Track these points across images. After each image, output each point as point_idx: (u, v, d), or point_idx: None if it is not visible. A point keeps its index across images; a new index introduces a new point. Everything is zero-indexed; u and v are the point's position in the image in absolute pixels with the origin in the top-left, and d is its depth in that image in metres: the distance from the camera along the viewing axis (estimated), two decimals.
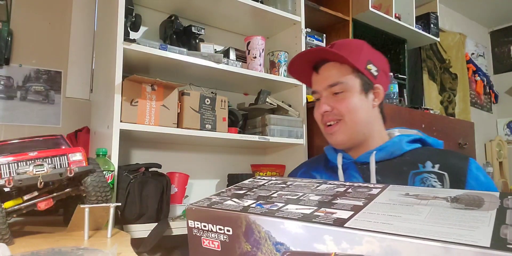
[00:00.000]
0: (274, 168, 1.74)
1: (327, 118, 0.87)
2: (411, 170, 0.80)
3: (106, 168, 1.09)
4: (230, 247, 0.45)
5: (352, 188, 0.52)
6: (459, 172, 0.77)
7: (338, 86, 0.85)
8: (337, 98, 0.86)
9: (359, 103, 0.85)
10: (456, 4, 3.34)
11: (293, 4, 1.78)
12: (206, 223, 0.47)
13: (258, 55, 1.62)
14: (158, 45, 1.32)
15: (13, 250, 0.67)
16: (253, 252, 0.43)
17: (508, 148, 3.63)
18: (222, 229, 0.46)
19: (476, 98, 3.59)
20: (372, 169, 0.82)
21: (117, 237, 0.84)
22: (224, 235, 0.46)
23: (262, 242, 0.43)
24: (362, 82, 0.86)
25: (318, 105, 0.89)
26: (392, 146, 0.85)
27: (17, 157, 0.76)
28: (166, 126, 1.31)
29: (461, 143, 2.08)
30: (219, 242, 0.46)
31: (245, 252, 0.44)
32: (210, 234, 0.47)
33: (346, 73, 0.85)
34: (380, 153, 0.85)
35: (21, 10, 1.51)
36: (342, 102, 0.85)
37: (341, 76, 0.85)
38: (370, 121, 0.87)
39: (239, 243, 0.44)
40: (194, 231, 0.48)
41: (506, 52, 3.80)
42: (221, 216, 0.46)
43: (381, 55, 0.93)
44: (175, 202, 1.42)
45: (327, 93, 0.87)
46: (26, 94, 1.48)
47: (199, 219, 0.48)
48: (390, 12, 2.33)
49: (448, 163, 0.79)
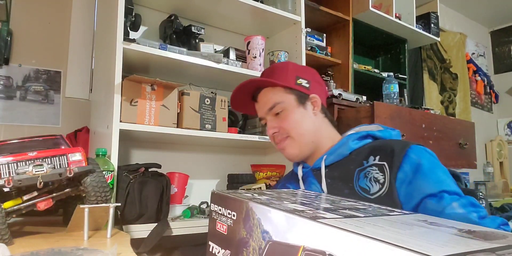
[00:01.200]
0: (274, 168, 1.74)
1: (277, 138, 0.93)
2: (356, 167, 0.83)
3: (106, 168, 1.09)
4: (233, 232, 0.48)
5: (373, 208, 0.52)
6: (396, 159, 0.76)
7: (276, 107, 0.91)
8: (279, 117, 0.92)
9: (299, 116, 0.91)
10: (456, 4, 3.34)
11: (293, 4, 1.78)
12: (222, 206, 0.51)
13: (258, 55, 1.62)
14: (158, 45, 1.32)
15: (13, 250, 0.67)
16: (247, 239, 0.45)
17: (508, 148, 3.63)
18: (230, 214, 0.49)
19: (476, 98, 3.58)
20: (323, 173, 0.87)
21: (117, 237, 0.84)
22: (231, 220, 0.49)
23: (254, 229, 0.45)
24: (296, 97, 0.92)
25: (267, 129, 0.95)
26: (339, 147, 0.89)
27: (17, 157, 0.76)
28: (166, 126, 1.31)
29: (462, 143, 2.07)
30: (226, 226, 0.50)
31: (242, 238, 0.46)
32: (222, 218, 0.51)
33: (280, 94, 0.92)
34: (330, 156, 0.88)
35: (21, 10, 1.51)
36: (284, 120, 0.91)
37: (276, 97, 0.92)
38: (316, 129, 0.93)
39: (239, 229, 0.47)
40: (213, 215, 0.53)
41: (507, 52, 3.80)
42: (232, 201, 0.50)
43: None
44: (175, 202, 1.42)
45: (270, 116, 0.94)
46: (26, 94, 1.48)
47: (218, 202, 0.52)
48: (390, 12, 2.33)
49: (387, 152, 0.79)
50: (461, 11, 3.51)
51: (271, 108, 0.92)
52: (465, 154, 2.12)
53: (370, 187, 0.78)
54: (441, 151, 1.96)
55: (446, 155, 2.00)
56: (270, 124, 0.93)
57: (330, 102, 1.64)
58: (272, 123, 0.93)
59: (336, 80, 2.19)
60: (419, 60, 3.05)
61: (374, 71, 2.37)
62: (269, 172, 1.73)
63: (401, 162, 0.75)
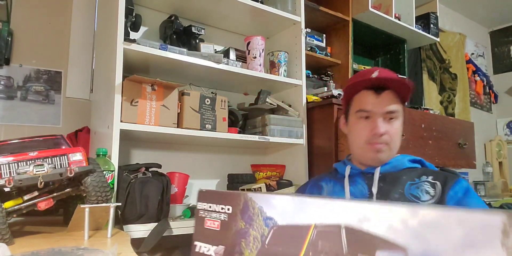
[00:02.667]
0: (274, 168, 1.74)
1: (378, 139, 0.95)
2: (408, 180, 0.93)
3: (106, 168, 1.09)
4: (228, 226, 0.48)
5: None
6: (449, 181, 0.89)
7: (396, 114, 0.96)
8: (390, 123, 0.96)
9: (401, 131, 0.98)
10: (456, 4, 3.34)
11: (293, 4, 1.78)
12: (212, 203, 0.51)
13: (258, 55, 1.62)
14: (158, 45, 1.32)
15: (13, 250, 0.67)
16: (246, 229, 0.46)
17: (507, 148, 3.63)
18: (223, 208, 0.49)
19: (476, 98, 3.59)
20: (376, 177, 0.95)
21: (117, 237, 0.84)
22: (225, 214, 0.49)
23: (254, 218, 0.45)
24: (404, 114, 0.99)
25: (371, 124, 0.95)
26: (395, 161, 0.98)
27: (17, 157, 0.76)
28: (166, 126, 1.31)
29: (461, 143, 2.08)
30: (219, 222, 0.49)
31: (239, 229, 0.46)
32: (212, 214, 0.50)
33: (400, 105, 0.97)
34: (385, 166, 0.97)
35: (21, 10, 1.51)
36: (394, 128, 0.96)
37: (398, 105, 0.96)
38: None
39: (235, 221, 0.47)
40: (201, 213, 0.52)
41: (506, 52, 3.80)
42: (225, 195, 0.50)
43: None
44: (175, 202, 1.42)
45: (382, 117, 0.95)
46: (26, 94, 1.48)
47: (206, 200, 0.51)
48: (390, 12, 2.33)
49: (440, 175, 0.92)
50: (460, 11, 3.51)
51: (392, 112, 0.95)
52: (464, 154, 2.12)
53: (421, 195, 0.88)
54: (440, 151, 1.97)
55: (446, 155, 2.00)
56: (382, 124, 0.95)
57: (329, 102, 1.64)
58: (384, 124, 0.95)
59: (336, 80, 2.19)
60: (419, 60, 3.05)
61: None
62: (269, 172, 1.73)
63: (453, 184, 0.88)
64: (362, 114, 0.97)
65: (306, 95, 1.74)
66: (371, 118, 0.96)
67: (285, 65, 1.71)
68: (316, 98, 1.75)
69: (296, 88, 1.75)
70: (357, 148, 0.99)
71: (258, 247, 0.44)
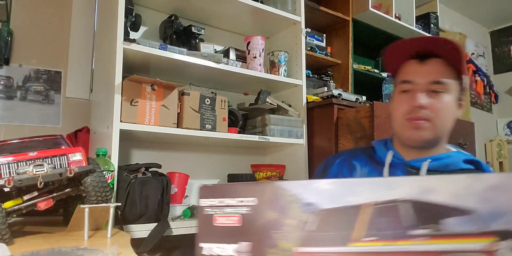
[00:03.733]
0: (274, 168, 1.74)
1: (417, 114, 0.81)
2: None
3: (106, 168, 1.09)
4: (253, 219, 0.44)
5: None
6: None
7: (442, 85, 0.81)
8: (435, 96, 0.81)
9: (452, 108, 0.83)
10: (456, 4, 3.34)
11: (293, 4, 1.78)
12: (224, 197, 0.46)
13: (258, 55, 1.62)
14: (158, 45, 1.32)
15: (13, 250, 0.67)
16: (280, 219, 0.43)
17: (508, 148, 3.63)
18: (244, 201, 0.45)
19: (476, 98, 3.58)
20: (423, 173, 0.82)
21: (117, 237, 0.84)
22: (247, 207, 0.45)
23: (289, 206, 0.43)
24: (459, 89, 0.84)
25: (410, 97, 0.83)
26: (448, 159, 0.84)
27: (17, 157, 0.76)
28: (166, 126, 1.31)
29: (461, 143, 2.07)
30: (239, 216, 0.45)
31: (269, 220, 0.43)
32: (226, 210, 0.46)
33: (452, 75, 0.83)
34: (435, 162, 0.83)
35: (21, 10, 1.51)
36: (440, 103, 0.81)
37: (448, 76, 0.82)
38: (450, 129, 0.86)
39: (263, 213, 0.44)
40: (207, 210, 0.47)
41: (506, 52, 3.79)
42: (244, 187, 0.46)
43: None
44: (175, 202, 1.42)
45: (425, 88, 0.82)
46: (26, 94, 1.48)
47: (214, 195, 0.47)
48: (390, 12, 2.33)
49: None
50: (460, 11, 3.51)
51: (437, 82, 0.81)
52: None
53: None
54: None
55: None
56: (424, 96, 0.81)
57: (329, 102, 1.64)
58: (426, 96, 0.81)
59: (336, 80, 2.19)
60: None
61: (374, 71, 2.37)
62: (269, 172, 1.73)
63: None
64: (404, 86, 0.84)
65: (306, 95, 1.74)
66: (413, 91, 0.83)
67: (285, 65, 1.71)
68: (316, 98, 1.74)
69: (296, 88, 1.75)
70: (396, 126, 0.86)
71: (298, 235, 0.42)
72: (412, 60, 0.84)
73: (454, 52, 0.80)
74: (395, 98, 0.87)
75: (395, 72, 0.89)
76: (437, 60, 0.82)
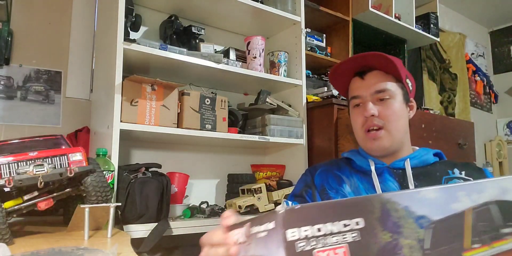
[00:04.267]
0: (274, 168, 1.74)
1: (371, 123, 0.89)
2: (443, 175, 0.88)
3: (106, 168, 1.09)
4: (363, 247, 0.34)
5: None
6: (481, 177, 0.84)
7: (385, 93, 0.89)
8: (383, 104, 0.89)
9: (401, 111, 0.90)
10: (456, 4, 3.34)
11: (293, 4, 1.78)
12: (321, 223, 0.34)
13: (258, 55, 1.62)
14: (158, 45, 1.32)
15: (13, 250, 0.67)
16: (394, 241, 0.35)
17: (508, 148, 3.63)
18: (349, 225, 0.34)
19: (476, 98, 3.58)
20: (409, 174, 0.87)
21: (117, 237, 0.84)
22: (353, 232, 0.34)
23: (402, 223, 0.35)
24: (403, 92, 0.91)
25: (362, 109, 0.91)
26: (423, 155, 0.91)
27: (17, 157, 0.76)
28: (166, 126, 1.31)
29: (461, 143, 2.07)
30: (345, 246, 0.34)
31: (384, 244, 0.35)
32: (329, 240, 0.33)
33: (392, 83, 0.90)
34: (414, 160, 0.90)
35: (21, 10, 1.51)
36: (388, 108, 0.89)
37: (388, 84, 0.90)
38: (406, 131, 0.93)
39: (374, 236, 0.35)
40: (300, 246, 0.33)
41: (506, 52, 3.80)
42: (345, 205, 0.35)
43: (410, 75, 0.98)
44: (175, 202, 1.42)
45: (372, 99, 0.90)
46: (26, 94, 1.48)
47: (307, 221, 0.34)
48: (390, 12, 2.33)
49: (470, 171, 0.89)
50: (460, 11, 3.51)
51: (380, 91, 0.89)
52: (464, 154, 2.12)
53: None
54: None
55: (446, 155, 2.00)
56: (371, 106, 0.88)
57: (329, 102, 1.64)
58: (374, 106, 0.89)
59: None
60: (419, 60, 3.05)
61: None
62: (269, 172, 1.73)
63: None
64: (354, 101, 0.93)
65: (306, 95, 1.74)
66: (362, 104, 0.91)
67: (285, 65, 1.71)
68: (316, 98, 1.75)
69: (296, 88, 1.75)
70: (359, 140, 0.94)
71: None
72: (355, 77, 0.94)
73: (387, 63, 0.88)
74: (351, 114, 0.96)
75: (346, 91, 0.99)
76: (375, 72, 0.91)
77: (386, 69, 0.90)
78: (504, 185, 0.39)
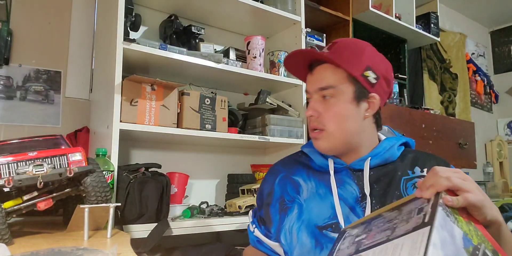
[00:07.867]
0: None
1: (313, 123, 0.83)
2: (402, 176, 0.81)
3: (106, 168, 1.09)
4: None
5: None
6: None
7: (329, 91, 0.80)
8: (325, 103, 0.82)
9: (346, 112, 0.80)
10: (456, 4, 3.34)
11: (293, 4, 1.78)
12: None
13: (258, 55, 1.62)
14: (158, 45, 1.32)
15: (13, 250, 0.67)
16: None
17: (508, 148, 3.62)
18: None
19: (476, 98, 3.58)
20: (366, 176, 0.81)
21: (117, 237, 0.84)
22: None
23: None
24: (355, 89, 0.80)
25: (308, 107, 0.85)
26: (385, 153, 0.84)
27: (17, 157, 0.76)
28: (166, 126, 1.31)
29: (461, 143, 2.07)
30: None
31: None
32: None
33: (340, 78, 0.80)
34: (375, 159, 0.83)
35: (21, 10, 1.51)
36: (329, 110, 0.81)
37: (334, 80, 0.80)
38: (358, 132, 0.82)
39: None
40: None
41: (507, 52, 3.79)
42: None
43: (385, 61, 0.86)
44: (175, 202, 1.42)
45: (317, 96, 0.83)
46: (26, 94, 1.48)
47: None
48: (390, 12, 2.33)
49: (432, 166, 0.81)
50: (461, 11, 3.51)
51: (323, 88, 0.80)
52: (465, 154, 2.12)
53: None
54: (440, 151, 1.96)
55: (446, 155, 2.00)
56: (312, 105, 0.82)
57: None
58: (315, 104, 0.82)
59: None
60: (419, 60, 3.05)
61: None
62: None
63: None
64: (307, 95, 0.86)
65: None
66: (310, 100, 0.84)
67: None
68: None
69: (296, 88, 1.74)
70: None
71: None
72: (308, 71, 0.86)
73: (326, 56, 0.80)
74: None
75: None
76: (325, 65, 0.82)
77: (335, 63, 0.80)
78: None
